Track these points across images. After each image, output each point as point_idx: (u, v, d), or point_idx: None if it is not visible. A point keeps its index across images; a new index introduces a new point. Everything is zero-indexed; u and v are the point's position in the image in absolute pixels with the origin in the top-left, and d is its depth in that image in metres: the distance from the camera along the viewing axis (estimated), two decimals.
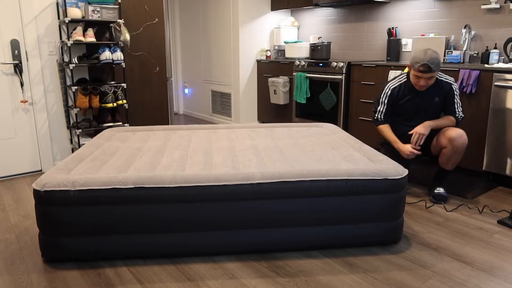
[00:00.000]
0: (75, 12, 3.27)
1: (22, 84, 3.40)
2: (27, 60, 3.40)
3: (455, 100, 2.76)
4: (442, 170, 2.86)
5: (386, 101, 2.85)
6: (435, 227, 2.45)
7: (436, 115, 2.83)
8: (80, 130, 3.47)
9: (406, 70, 2.91)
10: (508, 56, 3.30)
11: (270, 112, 5.25)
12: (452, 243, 2.25)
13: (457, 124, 2.77)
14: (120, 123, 3.64)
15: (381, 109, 2.88)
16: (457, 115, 2.76)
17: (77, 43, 3.34)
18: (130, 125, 3.95)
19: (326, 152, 2.48)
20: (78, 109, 3.41)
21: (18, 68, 3.36)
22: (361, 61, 4.26)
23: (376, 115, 2.91)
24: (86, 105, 3.38)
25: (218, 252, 2.11)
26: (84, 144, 3.51)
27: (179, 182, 1.98)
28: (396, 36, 4.19)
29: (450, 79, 2.75)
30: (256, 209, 2.03)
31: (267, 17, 5.36)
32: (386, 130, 2.88)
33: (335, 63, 4.18)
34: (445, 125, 2.74)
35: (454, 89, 2.74)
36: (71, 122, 3.66)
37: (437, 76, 2.74)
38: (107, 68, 3.76)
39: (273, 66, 5.09)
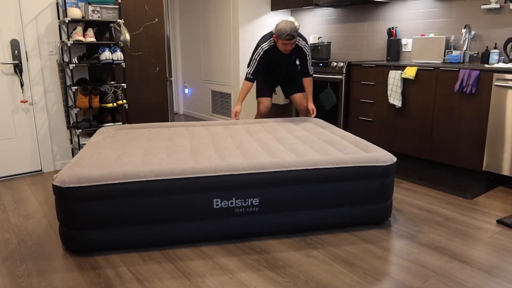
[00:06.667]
0: (75, 12, 3.27)
1: (22, 84, 3.40)
2: (27, 60, 3.40)
3: (307, 59, 3.43)
4: None
5: (258, 60, 3.38)
6: (435, 227, 2.45)
7: (294, 67, 3.59)
8: (80, 130, 3.46)
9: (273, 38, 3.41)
10: (508, 56, 3.30)
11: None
12: (452, 243, 2.25)
13: (311, 77, 3.52)
14: (120, 123, 3.64)
15: (253, 67, 3.41)
16: (310, 72, 3.49)
17: (77, 43, 3.34)
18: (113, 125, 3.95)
19: (324, 145, 2.69)
20: (78, 109, 3.41)
21: (18, 68, 3.36)
22: (361, 61, 4.26)
23: (248, 72, 3.43)
24: (86, 105, 3.38)
25: (252, 234, 2.29)
26: (84, 144, 3.51)
27: (218, 171, 2.14)
28: (396, 36, 4.19)
29: (305, 46, 3.37)
30: (284, 193, 2.25)
31: (267, 17, 5.36)
32: (244, 87, 3.45)
33: (335, 63, 4.18)
34: (310, 89, 3.55)
35: (306, 52, 3.39)
36: (71, 122, 3.66)
37: (296, 41, 3.35)
38: (107, 68, 3.76)
39: None
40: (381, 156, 2.35)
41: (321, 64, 4.36)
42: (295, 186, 2.23)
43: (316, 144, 2.68)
